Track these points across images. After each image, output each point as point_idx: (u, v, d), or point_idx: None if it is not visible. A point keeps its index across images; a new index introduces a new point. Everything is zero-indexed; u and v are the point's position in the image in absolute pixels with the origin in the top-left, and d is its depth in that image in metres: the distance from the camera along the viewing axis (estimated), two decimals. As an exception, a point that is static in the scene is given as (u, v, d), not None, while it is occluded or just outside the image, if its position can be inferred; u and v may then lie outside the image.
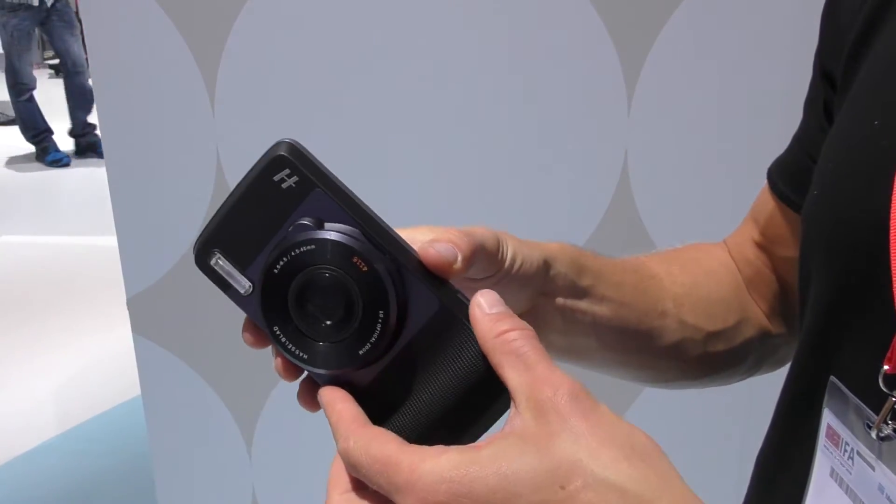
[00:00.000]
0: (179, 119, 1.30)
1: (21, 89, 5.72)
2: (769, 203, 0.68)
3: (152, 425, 1.49)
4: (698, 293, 0.66)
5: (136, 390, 1.56)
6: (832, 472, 0.48)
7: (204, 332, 1.42)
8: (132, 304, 1.41)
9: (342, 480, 0.40)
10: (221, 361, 1.43)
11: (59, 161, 5.81)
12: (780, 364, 0.71)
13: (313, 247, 0.41)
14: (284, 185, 0.44)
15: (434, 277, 0.42)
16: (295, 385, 0.50)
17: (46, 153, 5.86)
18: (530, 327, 0.39)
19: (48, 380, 2.96)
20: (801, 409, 0.53)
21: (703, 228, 1.26)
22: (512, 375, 0.38)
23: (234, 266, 0.44)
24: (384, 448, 0.37)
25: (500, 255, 0.51)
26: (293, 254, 0.41)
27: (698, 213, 1.22)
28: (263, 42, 1.25)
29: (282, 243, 0.42)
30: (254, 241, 0.43)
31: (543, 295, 0.57)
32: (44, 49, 9.21)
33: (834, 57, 0.57)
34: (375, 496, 0.38)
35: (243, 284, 0.44)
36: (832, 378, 0.48)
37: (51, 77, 9.32)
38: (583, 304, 0.60)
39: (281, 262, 0.41)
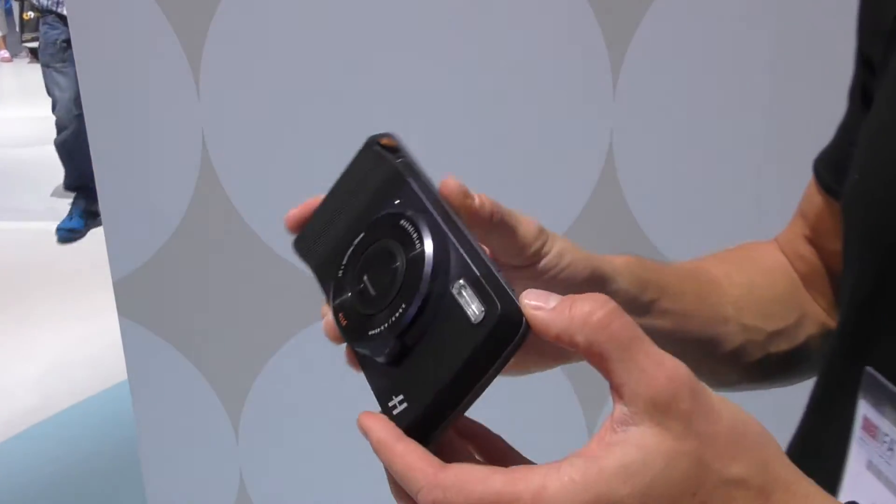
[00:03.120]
0: (164, 101, 1.29)
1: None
2: (816, 196, 0.67)
3: (139, 409, 1.49)
4: (756, 293, 0.65)
5: (122, 375, 1.56)
6: (869, 464, 0.47)
7: (190, 314, 1.41)
8: (118, 287, 1.41)
9: None
10: (208, 344, 1.43)
11: (67, 233, 4.38)
12: None
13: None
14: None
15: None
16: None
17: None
18: (608, 297, 0.34)
19: (33, 365, 2.95)
20: (835, 399, 0.52)
21: (689, 210, 1.26)
22: (620, 370, 0.33)
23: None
24: (488, 485, 0.33)
25: (538, 245, 0.50)
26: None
27: (684, 196, 1.23)
28: (249, 24, 1.24)
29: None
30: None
31: None
32: (23, 31, 9.11)
33: (873, 39, 0.56)
34: None
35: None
36: (868, 369, 0.47)
37: (30, 62, 9.24)
38: (643, 321, 0.58)
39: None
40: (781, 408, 0.64)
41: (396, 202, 0.42)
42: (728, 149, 1.21)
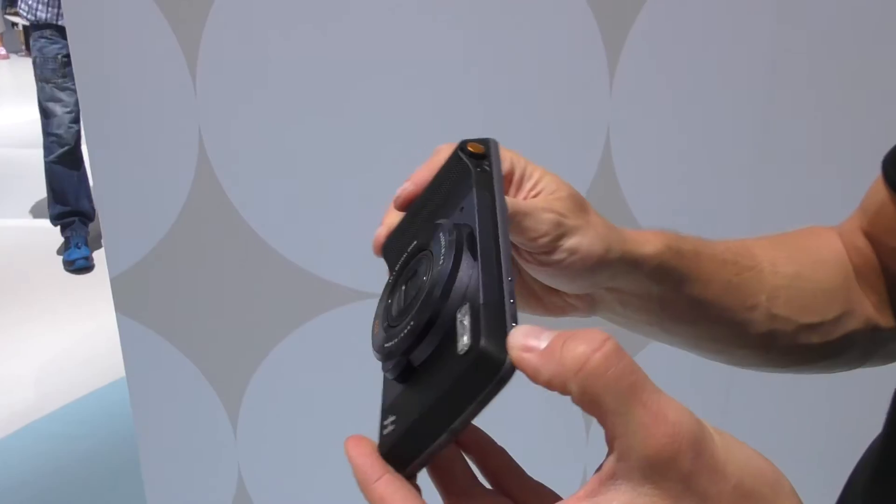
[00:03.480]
0: (161, 98, 1.29)
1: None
2: (881, 192, 0.66)
3: (137, 405, 1.49)
4: (799, 285, 0.64)
5: (120, 372, 1.56)
6: None
7: (188, 311, 1.41)
8: (115, 283, 1.41)
9: None
10: (206, 340, 1.43)
11: (76, 264, 4.14)
12: (892, 358, 0.68)
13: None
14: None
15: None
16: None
17: (66, 246, 4.22)
18: (606, 336, 0.31)
19: (31, 362, 2.95)
20: None
21: (686, 205, 1.27)
22: (616, 423, 0.30)
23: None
24: None
25: (549, 239, 0.50)
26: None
27: (681, 191, 1.23)
28: (246, 20, 1.24)
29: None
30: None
31: (609, 290, 0.56)
32: (5, 6, 9.03)
33: None
34: None
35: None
36: None
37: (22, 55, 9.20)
38: (652, 304, 0.58)
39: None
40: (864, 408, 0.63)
41: (458, 211, 0.41)
42: (724, 144, 1.21)
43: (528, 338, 0.31)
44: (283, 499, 1.52)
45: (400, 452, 0.34)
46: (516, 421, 1.11)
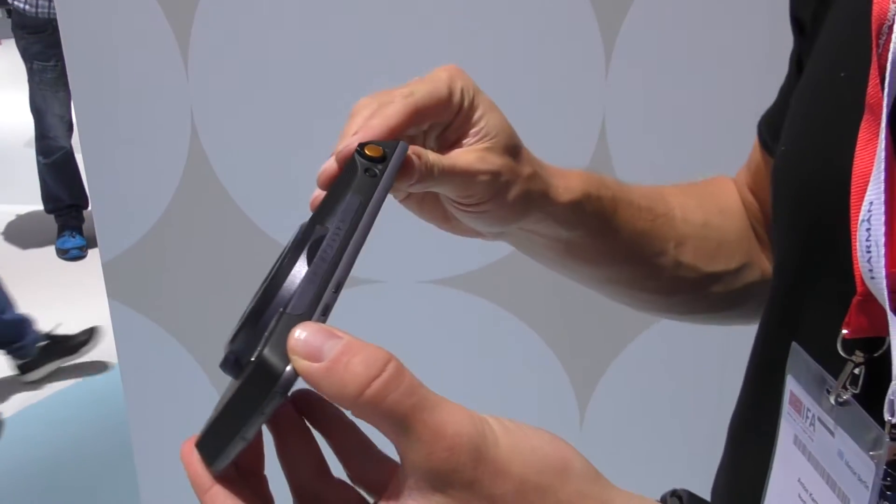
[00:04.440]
0: (152, 81, 1.28)
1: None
2: (757, 153, 0.67)
3: (129, 391, 1.48)
4: (706, 234, 0.65)
5: (113, 359, 1.55)
6: (795, 440, 0.47)
7: (180, 297, 1.41)
8: (107, 268, 1.40)
9: None
10: (199, 326, 1.42)
11: (69, 253, 4.10)
12: None
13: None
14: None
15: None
16: None
17: (60, 233, 4.16)
18: (387, 358, 0.32)
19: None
20: (767, 374, 0.52)
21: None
22: (398, 442, 0.32)
23: None
24: None
25: (475, 199, 0.52)
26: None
27: (676, 178, 1.22)
28: (238, 3, 1.23)
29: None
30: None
31: (519, 228, 0.57)
32: None
33: (804, 2, 0.55)
34: None
35: None
36: (794, 343, 0.47)
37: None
38: (559, 244, 0.59)
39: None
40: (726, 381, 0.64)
41: (333, 213, 0.41)
42: (721, 131, 1.20)
43: (309, 345, 0.32)
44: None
45: (204, 447, 0.35)
46: (509, 408, 1.10)
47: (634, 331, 1.31)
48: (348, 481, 0.38)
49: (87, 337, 3.10)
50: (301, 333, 0.32)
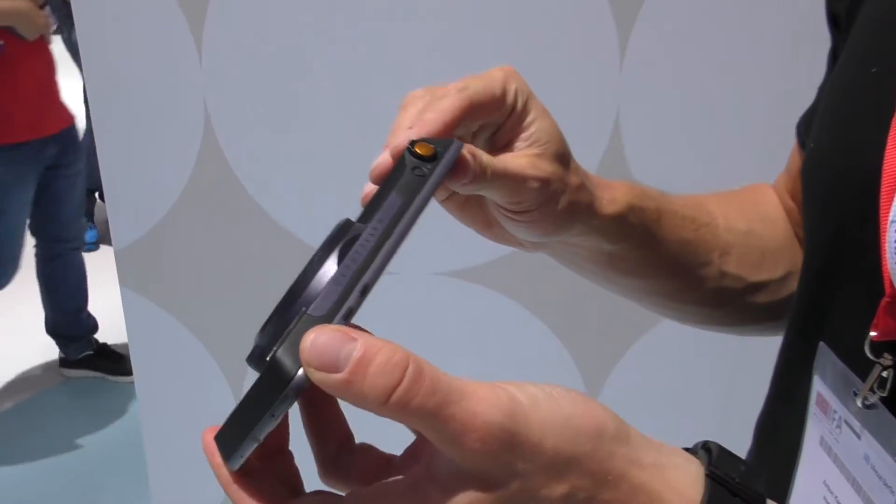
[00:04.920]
0: (166, 69, 1.28)
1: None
2: (797, 157, 0.65)
3: (140, 379, 1.48)
4: (750, 242, 0.63)
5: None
6: (822, 441, 0.46)
7: (192, 285, 1.41)
8: (120, 256, 1.40)
9: None
10: (210, 315, 1.42)
11: (92, 245, 4.09)
12: None
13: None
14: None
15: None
16: None
17: None
18: (406, 362, 0.31)
19: (38, 333, 2.96)
20: (795, 374, 0.52)
21: (696, 184, 1.25)
22: (431, 438, 0.32)
23: None
24: None
25: (524, 207, 0.50)
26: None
27: (690, 169, 1.22)
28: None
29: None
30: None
31: (561, 241, 0.56)
32: None
33: None
34: None
35: None
36: (822, 344, 0.46)
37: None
38: (602, 258, 0.58)
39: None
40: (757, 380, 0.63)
41: (378, 210, 0.39)
42: (737, 122, 1.19)
43: (325, 354, 0.31)
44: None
45: (221, 443, 0.35)
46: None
47: (646, 325, 1.31)
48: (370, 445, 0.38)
49: None
50: (316, 338, 0.31)
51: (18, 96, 2.48)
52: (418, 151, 0.43)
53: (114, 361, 3.11)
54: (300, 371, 0.31)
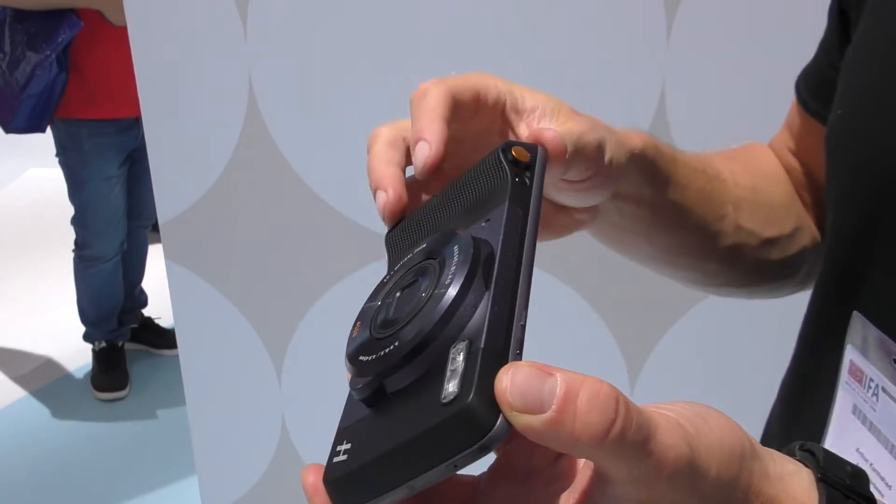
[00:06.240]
0: (211, 43, 1.29)
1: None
2: (798, 115, 0.66)
3: (184, 351, 1.50)
4: (757, 198, 0.63)
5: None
6: (854, 409, 0.46)
7: (236, 258, 1.42)
8: (165, 229, 1.42)
9: None
10: (253, 288, 1.44)
11: None
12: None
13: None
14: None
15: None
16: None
17: None
18: (615, 394, 0.28)
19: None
20: (824, 343, 0.51)
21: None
22: (623, 477, 0.29)
23: None
24: None
25: (601, 159, 0.48)
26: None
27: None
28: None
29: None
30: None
31: (612, 196, 0.54)
32: None
33: None
34: None
35: None
36: (855, 312, 0.46)
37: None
38: (644, 208, 0.56)
39: None
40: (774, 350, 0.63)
41: (483, 224, 0.35)
42: (784, 99, 1.17)
43: (528, 394, 0.27)
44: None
45: (345, 490, 0.30)
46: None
47: (687, 303, 1.29)
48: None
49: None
50: (515, 376, 0.27)
51: (102, 77, 2.55)
52: (516, 156, 0.39)
53: (158, 335, 3.18)
54: (500, 420, 0.27)
